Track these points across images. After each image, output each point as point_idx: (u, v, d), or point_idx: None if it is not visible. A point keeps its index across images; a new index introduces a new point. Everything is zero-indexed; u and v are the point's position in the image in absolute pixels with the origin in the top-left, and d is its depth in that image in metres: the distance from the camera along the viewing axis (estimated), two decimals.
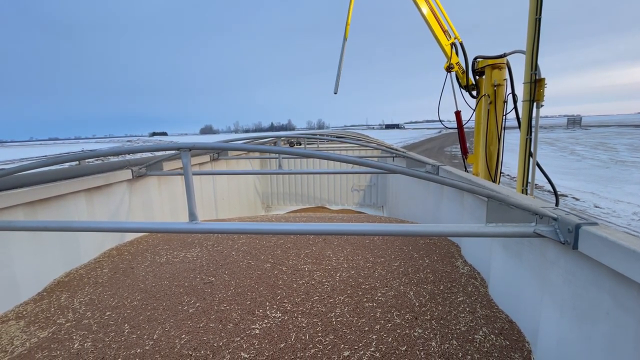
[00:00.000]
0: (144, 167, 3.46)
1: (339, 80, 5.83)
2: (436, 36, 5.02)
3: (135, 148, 1.70)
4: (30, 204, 2.30)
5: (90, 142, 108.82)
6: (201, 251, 2.80)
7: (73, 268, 2.60)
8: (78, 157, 1.85)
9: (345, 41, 5.67)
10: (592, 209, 8.57)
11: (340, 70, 5.79)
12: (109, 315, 1.93)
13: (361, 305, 1.90)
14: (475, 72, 5.06)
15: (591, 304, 1.19)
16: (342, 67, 5.81)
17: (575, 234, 1.20)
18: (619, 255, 1.01)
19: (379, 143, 6.48)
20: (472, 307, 1.87)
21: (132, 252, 2.89)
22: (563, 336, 1.33)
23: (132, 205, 3.36)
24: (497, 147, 4.92)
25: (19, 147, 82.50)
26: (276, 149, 1.57)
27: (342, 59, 5.74)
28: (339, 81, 5.84)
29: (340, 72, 5.81)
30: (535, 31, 3.57)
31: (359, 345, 1.59)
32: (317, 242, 2.85)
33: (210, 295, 2.07)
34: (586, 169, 14.55)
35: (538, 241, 1.51)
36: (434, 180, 1.46)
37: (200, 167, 4.93)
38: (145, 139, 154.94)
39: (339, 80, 5.83)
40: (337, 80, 5.82)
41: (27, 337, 1.78)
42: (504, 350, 1.56)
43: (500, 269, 1.93)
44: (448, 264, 2.40)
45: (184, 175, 1.50)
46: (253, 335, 1.69)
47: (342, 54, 5.69)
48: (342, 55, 5.71)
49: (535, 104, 3.74)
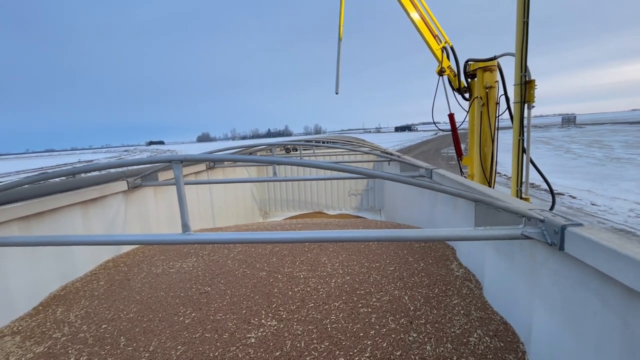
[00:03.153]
0: (139, 178, 3.47)
1: (339, 80, 5.93)
2: (427, 41, 5.12)
3: (130, 161, 1.71)
4: (25, 219, 2.30)
5: (87, 153, 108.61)
6: (197, 261, 2.80)
7: (69, 281, 2.60)
8: (72, 172, 1.86)
9: (340, 41, 5.82)
10: (589, 207, 8.62)
11: (338, 70, 5.89)
12: (105, 328, 1.93)
13: (356, 310, 1.91)
14: (467, 75, 5.13)
15: (579, 305, 1.20)
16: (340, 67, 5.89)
17: (561, 235, 1.22)
18: (602, 256, 1.03)
19: (373, 147, 6.51)
20: (467, 309, 1.88)
21: (128, 264, 2.88)
22: (554, 337, 1.35)
23: (128, 217, 3.36)
24: (491, 148, 4.96)
25: (16, 159, 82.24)
26: (268, 159, 1.59)
27: (339, 59, 5.84)
28: (339, 81, 5.94)
29: (339, 72, 5.90)
30: (523, 34, 3.63)
31: (354, 351, 1.60)
32: (312, 249, 2.86)
33: (206, 305, 2.07)
34: (582, 167, 14.65)
35: (528, 243, 1.53)
36: (423, 185, 1.49)
37: (197, 176, 4.94)
38: (142, 148, 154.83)
39: (338, 81, 5.93)
40: (337, 81, 5.93)
41: (22, 352, 1.78)
42: (499, 352, 1.57)
43: (493, 271, 1.94)
44: (443, 267, 2.42)
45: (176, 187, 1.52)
46: (249, 344, 1.69)
47: (339, 54, 5.81)
48: (338, 55, 5.83)
49: (527, 105, 3.79)
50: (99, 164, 1.76)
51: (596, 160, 16.27)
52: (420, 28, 5.05)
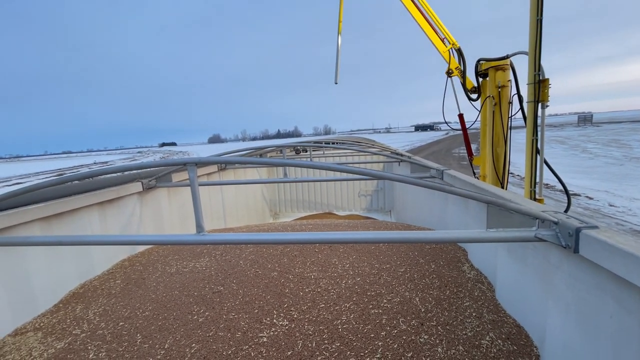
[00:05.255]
0: (153, 179, 3.56)
1: (338, 70, 6.69)
2: (434, 44, 5.23)
3: (144, 164, 1.76)
4: (46, 219, 2.39)
5: (102, 154, 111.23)
6: (210, 261, 2.85)
7: (87, 280, 2.68)
8: (89, 175, 1.93)
9: (339, 35, 6.62)
10: (606, 208, 8.38)
11: (338, 61, 6.65)
12: (122, 326, 1.99)
13: (367, 312, 1.91)
14: (478, 74, 5.08)
15: (595, 308, 1.18)
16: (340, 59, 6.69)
17: (575, 237, 1.21)
18: (618, 259, 1.01)
19: (383, 148, 6.49)
20: (479, 312, 1.87)
21: (144, 263, 2.96)
22: (569, 340, 1.33)
23: (143, 217, 3.44)
24: (503, 148, 4.89)
25: (35, 161, 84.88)
26: (279, 162, 1.61)
27: (338, 51, 6.62)
28: (338, 71, 6.71)
29: (339, 63, 6.67)
30: (537, 32, 3.56)
31: (364, 352, 1.60)
32: (323, 250, 2.87)
33: (219, 305, 2.11)
34: (599, 167, 14.24)
35: (541, 245, 1.51)
36: (433, 187, 1.48)
37: (209, 178, 5.03)
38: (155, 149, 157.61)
39: (337, 71, 6.68)
40: (337, 71, 6.69)
41: (44, 348, 1.85)
42: (511, 355, 1.55)
43: (506, 274, 1.92)
44: (454, 269, 2.40)
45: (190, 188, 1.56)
46: (261, 343, 1.72)
47: (338, 47, 6.60)
48: (338, 48, 6.61)
49: (541, 104, 3.73)
50: (115, 167, 1.82)
51: (614, 159, 15.79)
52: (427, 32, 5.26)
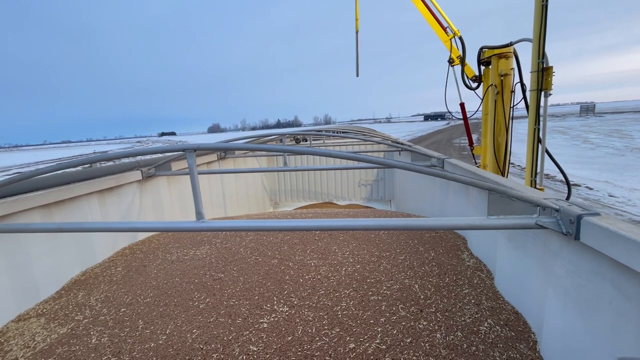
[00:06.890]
0: (153, 168, 3.54)
1: (358, 65, 7.68)
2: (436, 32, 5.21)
3: (143, 150, 1.75)
4: (46, 207, 2.39)
5: (102, 144, 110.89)
6: (210, 248, 2.86)
7: (89, 267, 2.70)
8: (89, 161, 1.91)
9: (357, 34, 7.40)
10: (606, 198, 8.38)
11: (357, 58, 7.58)
12: (124, 312, 2.01)
13: (366, 298, 1.93)
14: (480, 62, 5.00)
15: (594, 294, 1.19)
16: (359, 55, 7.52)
17: (577, 224, 1.20)
18: (620, 246, 1.01)
19: (384, 137, 6.45)
20: (478, 299, 1.88)
21: (144, 251, 2.97)
22: (567, 326, 1.34)
23: (142, 205, 3.44)
24: (505, 137, 4.85)
25: (34, 150, 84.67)
26: (279, 148, 1.60)
27: (357, 49, 7.48)
28: (358, 66, 7.70)
29: (358, 59, 7.59)
30: (542, 18, 3.49)
31: (364, 337, 1.62)
32: (323, 238, 2.88)
33: (219, 291, 2.13)
34: (600, 157, 14.19)
35: (542, 233, 1.51)
36: (435, 174, 1.47)
37: (208, 166, 5.01)
38: (154, 139, 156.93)
39: (358, 66, 7.68)
40: (357, 66, 7.70)
41: (47, 333, 1.87)
42: (509, 341, 1.57)
43: (505, 261, 1.93)
44: (454, 257, 2.41)
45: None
46: (261, 329, 1.74)
47: (357, 45, 7.45)
48: (357, 46, 7.47)
49: (544, 93, 3.68)
50: (114, 154, 1.80)
51: (615, 150, 15.72)
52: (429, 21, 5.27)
